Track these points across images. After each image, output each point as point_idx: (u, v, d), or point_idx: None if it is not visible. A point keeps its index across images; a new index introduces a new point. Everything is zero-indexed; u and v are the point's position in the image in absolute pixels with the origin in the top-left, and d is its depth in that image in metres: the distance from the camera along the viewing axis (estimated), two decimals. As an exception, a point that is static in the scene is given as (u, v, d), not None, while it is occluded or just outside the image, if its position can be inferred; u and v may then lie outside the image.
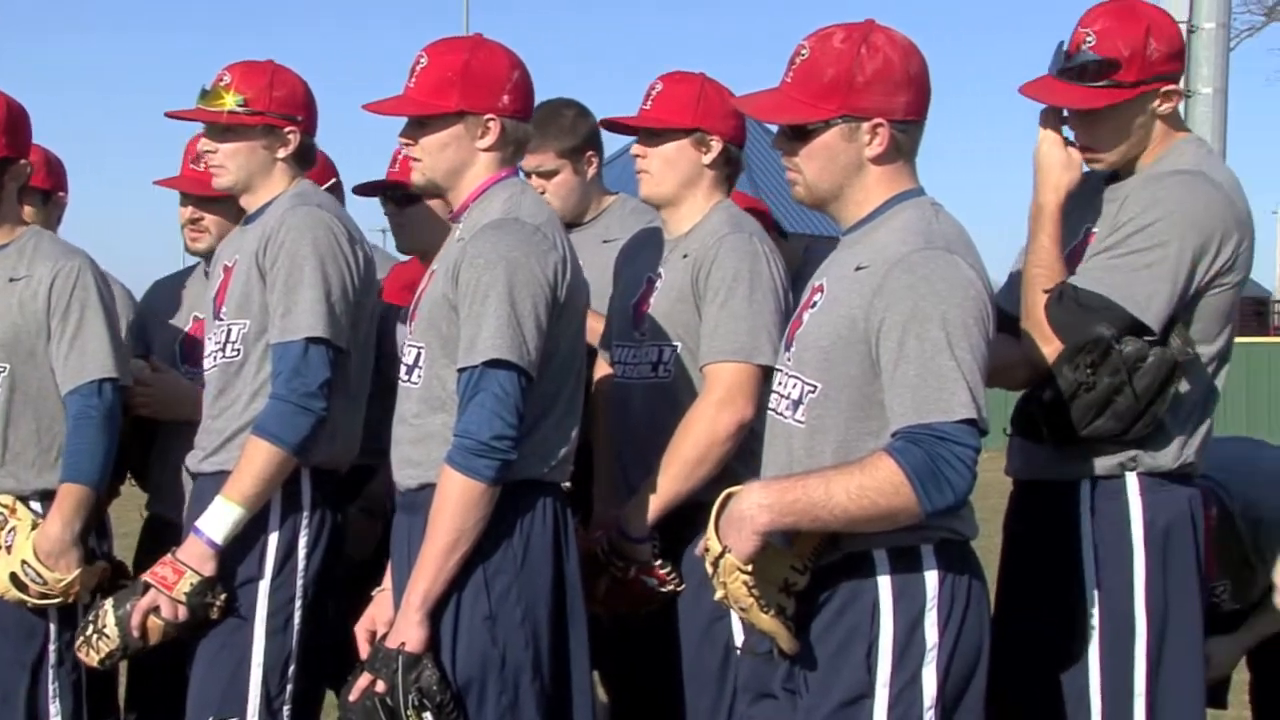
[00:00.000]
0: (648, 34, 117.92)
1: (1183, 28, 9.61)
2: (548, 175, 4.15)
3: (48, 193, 4.45)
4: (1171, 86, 3.25)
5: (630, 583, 3.54)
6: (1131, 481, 3.17)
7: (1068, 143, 3.27)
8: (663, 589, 3.53)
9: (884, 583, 2.72)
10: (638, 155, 3.70)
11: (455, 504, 3.09)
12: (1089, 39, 3.22)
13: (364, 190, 4.16)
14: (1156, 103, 3.24)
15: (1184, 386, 3.11)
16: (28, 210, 4.16)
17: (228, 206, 3.98)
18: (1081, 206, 3.34)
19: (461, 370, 3.13)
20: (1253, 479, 4.01)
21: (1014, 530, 3.36)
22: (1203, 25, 9.66)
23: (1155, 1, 3.40)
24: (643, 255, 3.81)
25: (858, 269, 2.75)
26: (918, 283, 2.65)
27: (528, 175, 4.07)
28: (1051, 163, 3.24)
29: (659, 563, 3.52)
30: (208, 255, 4.10)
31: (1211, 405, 3.24)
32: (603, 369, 3.84)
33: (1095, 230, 3.27)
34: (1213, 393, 3.23)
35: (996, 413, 2.67)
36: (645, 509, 3.50)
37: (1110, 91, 3.19)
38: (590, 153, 4.19)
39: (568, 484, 3.33)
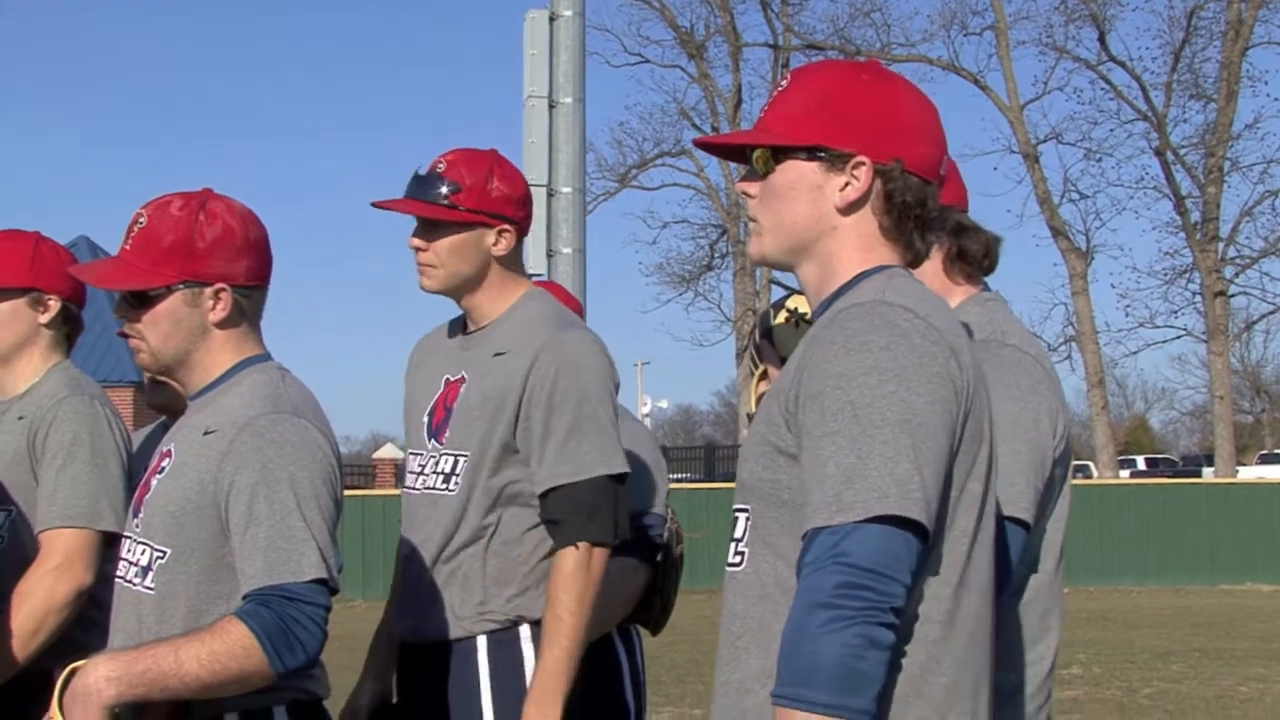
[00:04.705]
0: None
1: (542, 191, 10.18)
2: None
3: None
4: (508, 229, 3.40)
5: None
6: (524, 631, 3.29)
7: None
8: None
9: None
10: None
11: None
12: (441, 166, 3.39)
13: None
14: (492, 240, 3.39)
15: None
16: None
17: None
18: (440, 360, 3.45)
19: None
20: None
21: (410, 690, 3.40)
22: (561, 189, 10.30)
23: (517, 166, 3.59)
24: None
25: (206, 433, 2.74)
26: (266, 446, 2.68)
27: None
28: None
29: None
30: None
31: None
32: (-71, 537, 3.62)
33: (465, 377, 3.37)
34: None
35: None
36: None
37: (447, 210, 3.35)
38: None
39: None
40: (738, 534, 2.22)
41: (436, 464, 3.35)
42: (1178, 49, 35.95)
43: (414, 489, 3.39)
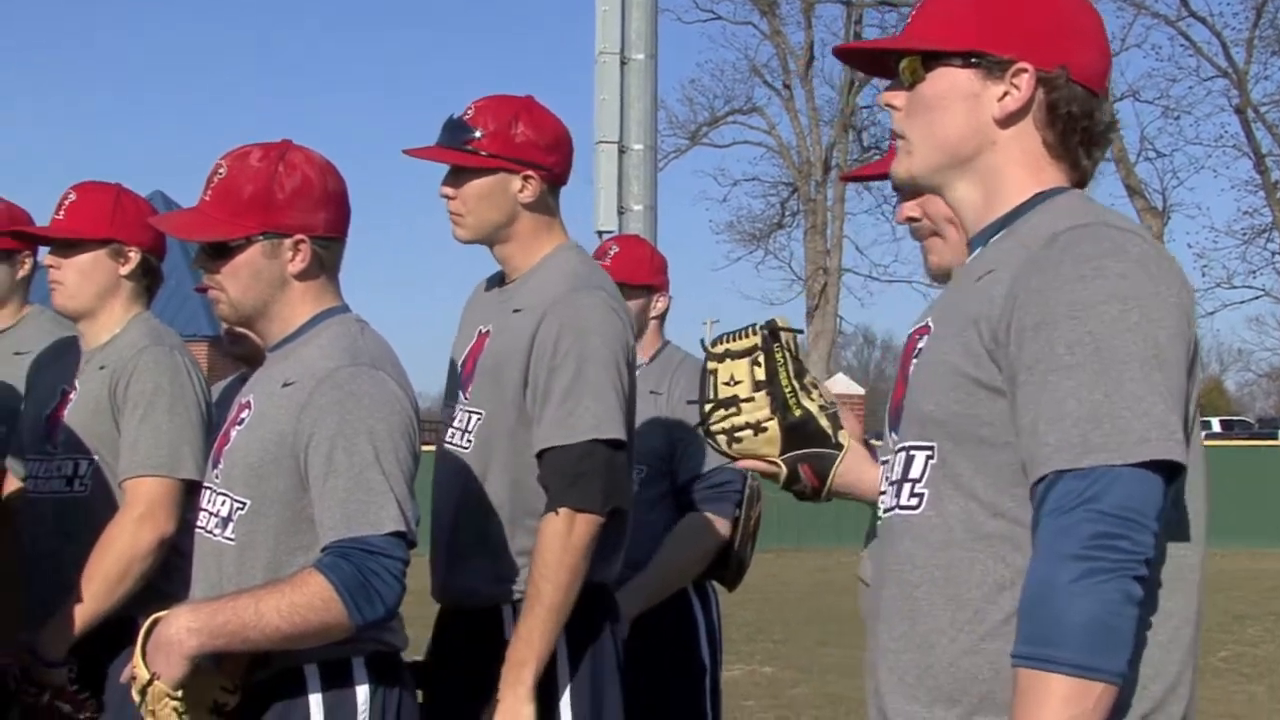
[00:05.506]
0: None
1: (614, 148, 10.17)
2: None
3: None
4: (533, 175, 3.27)
5: (43, 710, 3.38)
6: None
7: None
8: (80, 715, 3.40)
9: (315, 700, 2.70)
10: (51, 266, 3.59)
11: None
12: (469, 112, 3.30)
13: None
14: (518, 186, 3.27)
15: None
16: None
17: None
18: (479, 310, 3.40)
19: None
20: None
21: (440, 653, 3.38)
22: (632, 146, 10.28)
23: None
24: (57, 365, 3.68)
25: (285, 385, 2.74)
26: (345, 398, 2.68)
27: None
28: None
29: (75, 687, 3.39)
30: None
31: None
32: (12, 483, 3.67)
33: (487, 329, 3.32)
34: None
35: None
36: (62, 631, 3.35)
37: (465, 155, 3.25)
38: (26, 253, 3.99)
39: None
40: (914, 474, 2.04)
41: (460, 419, 3.30)
42: (1260, 4, 35.33)
43: (446, 441, 3.36)
